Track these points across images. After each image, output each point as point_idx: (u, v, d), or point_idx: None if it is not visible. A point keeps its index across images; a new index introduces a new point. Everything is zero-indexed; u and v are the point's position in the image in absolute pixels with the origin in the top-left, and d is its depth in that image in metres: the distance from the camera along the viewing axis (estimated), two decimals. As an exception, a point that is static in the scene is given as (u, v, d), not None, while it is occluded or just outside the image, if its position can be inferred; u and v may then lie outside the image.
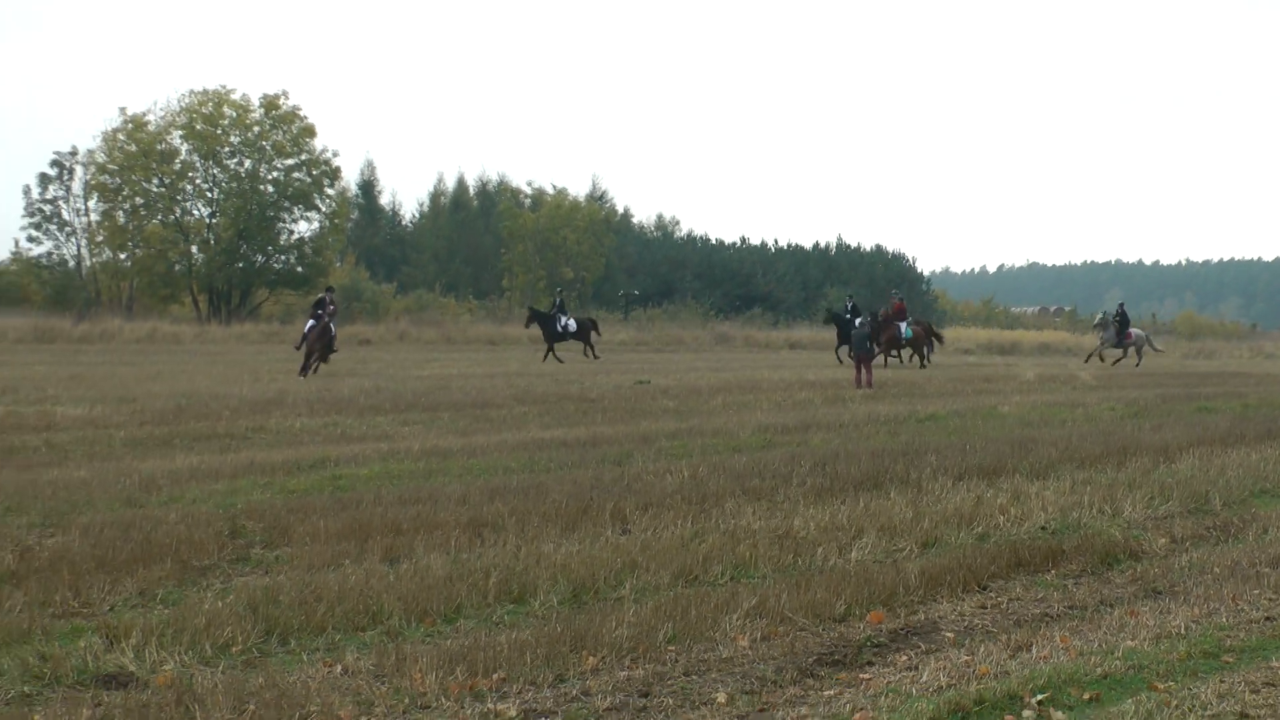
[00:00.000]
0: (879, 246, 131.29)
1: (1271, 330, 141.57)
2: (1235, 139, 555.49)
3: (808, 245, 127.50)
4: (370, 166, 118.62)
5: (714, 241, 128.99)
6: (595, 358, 51.98)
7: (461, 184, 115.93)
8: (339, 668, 9.00)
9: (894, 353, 52.45)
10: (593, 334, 53.93)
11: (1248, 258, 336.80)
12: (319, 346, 37.53)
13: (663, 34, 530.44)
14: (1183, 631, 9.96)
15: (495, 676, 8.76)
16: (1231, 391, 36.68)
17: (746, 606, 10.45)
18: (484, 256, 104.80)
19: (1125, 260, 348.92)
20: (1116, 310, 56.12)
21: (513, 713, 8.10)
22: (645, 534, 13.48)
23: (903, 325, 51.55)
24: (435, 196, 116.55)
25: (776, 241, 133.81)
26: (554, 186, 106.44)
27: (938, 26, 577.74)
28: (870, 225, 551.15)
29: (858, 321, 46.19)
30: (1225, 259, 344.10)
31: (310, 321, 39.21)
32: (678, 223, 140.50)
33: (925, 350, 52.45)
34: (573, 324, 52.81)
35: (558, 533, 13.48)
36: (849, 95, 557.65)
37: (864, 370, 37.39)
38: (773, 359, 58.09)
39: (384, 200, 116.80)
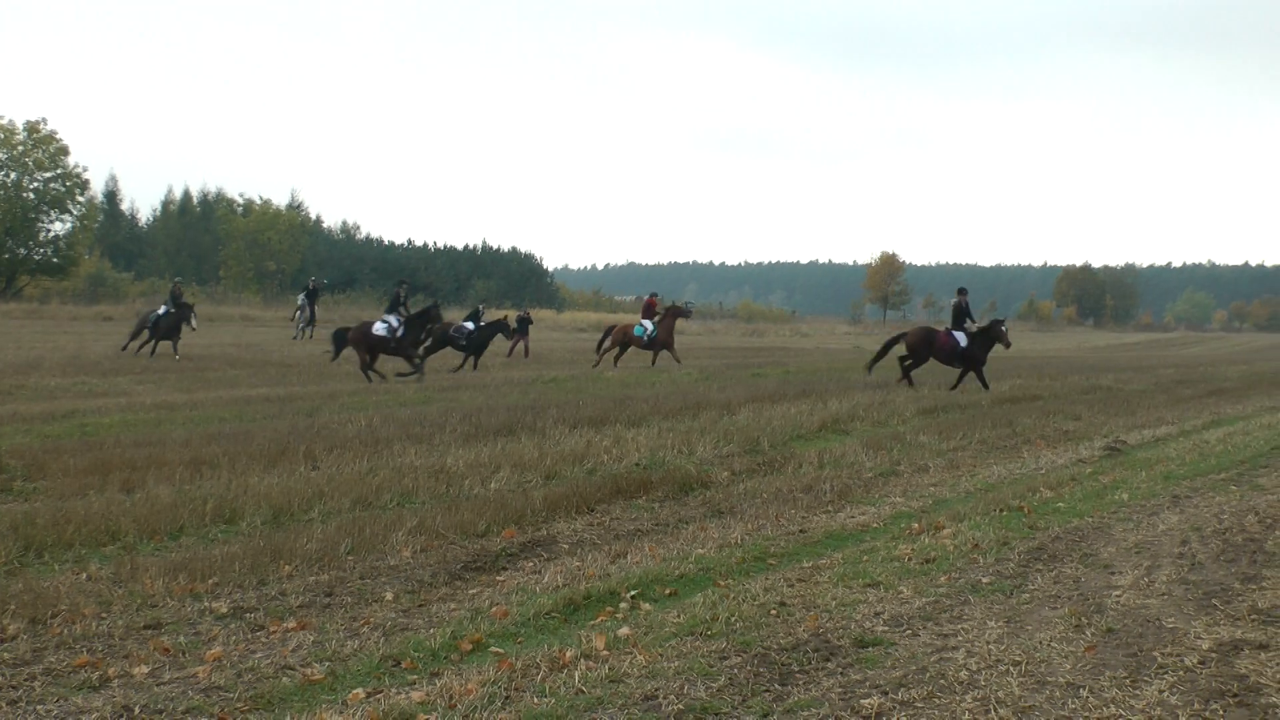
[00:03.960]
0: (514, 248, 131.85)
1: (806, 315, 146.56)
2: (776, 165, 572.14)
3: (459, 246, 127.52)
4: (114, 179, 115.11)
5: (387, 242, 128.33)
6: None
7: (187, 194, 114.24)
8: (84, 575, 8.71)
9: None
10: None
11: (790, 260, 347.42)
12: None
13: (345, 71, 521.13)
14: (739, 541, 10.21)
15: (211, 581, 8.58)
16: (777, 362, 37.82)
17: (410, 526, 10.39)
18: (204, 252, 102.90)
19: (700, 261, 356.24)
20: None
21: (224, 609, 7.94)
22: (331, 470, 13.29)
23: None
24: (166, 204, 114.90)
25: (435, 242, 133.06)
26: (260, 197, 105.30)
27: (561, 51, 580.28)
28: (507, 229, 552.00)
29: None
30: (773, 261, 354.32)
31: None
32: (359, 226, 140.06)
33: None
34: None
35: (262, 469, 13.21)
36: (496, 119, 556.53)
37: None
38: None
39: (124, 206, 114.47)
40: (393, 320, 28.77)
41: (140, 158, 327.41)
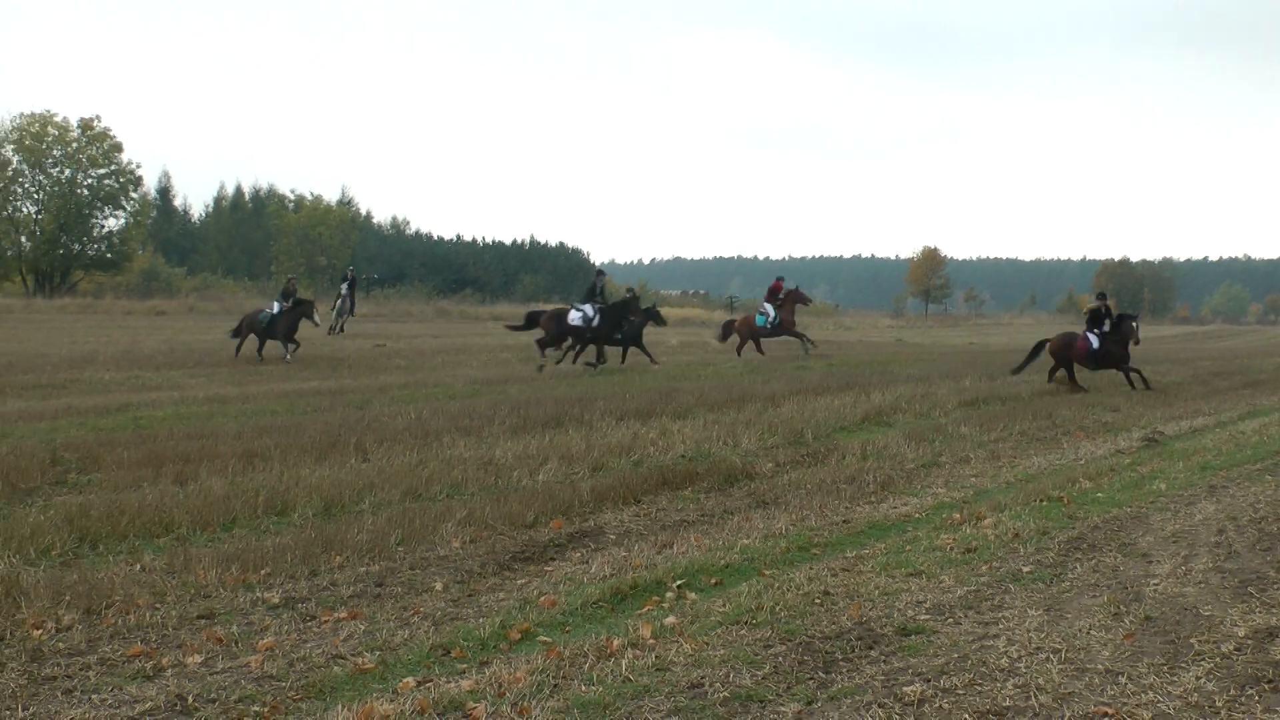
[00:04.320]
0: (562, 243, 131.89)
1: (849, 309, 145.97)
2: (818, 161, 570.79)
3: (507, 241, 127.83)
4: (167, 175, 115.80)
5: (436, 238, 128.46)
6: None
7: (239, 190, 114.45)
8: (138, 566, 8.76)
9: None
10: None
11: (833, 255, 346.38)
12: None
13: (395, 68, 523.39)
14: (783, 532, 10.16)
15: (263, 572, 8.61)
16: (821, 354, 37.62)
17: (459, 517, 10.40)
18: (256, 247, 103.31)
19: (745, 256, 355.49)
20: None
21: (276, 599, 7.95)
22: (381, 462, 13.33)
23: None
24: (219, 200, 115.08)
25: (484, 237, 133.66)
26: (311, 193, 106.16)
27: (610, 50, 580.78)
28: (556, 224, 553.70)
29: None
30: (817, 255, 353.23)
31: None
32: (408, 222, 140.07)
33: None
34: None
35: (313, 461, 13.28)
36: (545, 115, 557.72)
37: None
38: (480, 329, 57.71)
39: (177, 202, 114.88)
40: (588, 310, 28.99)
41: (193, 155, 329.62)
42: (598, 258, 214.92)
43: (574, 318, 29.09)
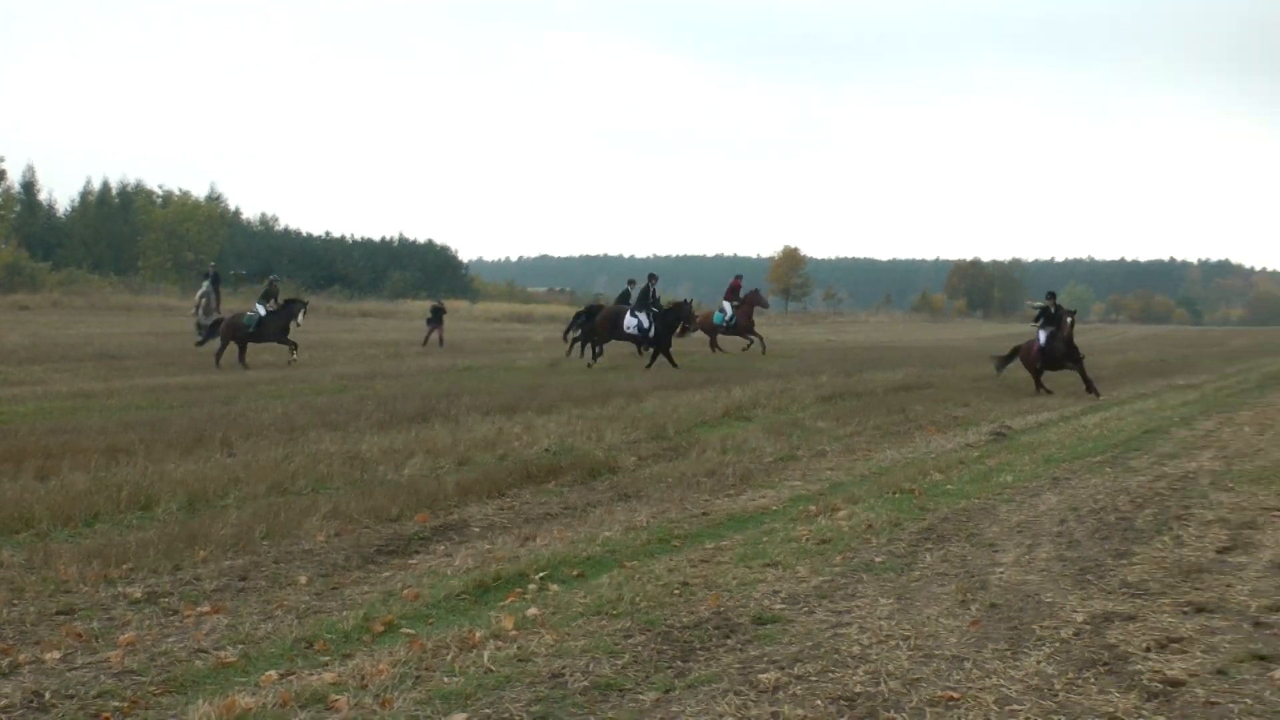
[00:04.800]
0: (431, 240, 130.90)
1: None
2: (684, 162, 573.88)
3: (376, 238, 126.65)
4: (31, 169, 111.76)
5: (305, 234, 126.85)
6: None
7: (106, 185, 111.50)
8: (-5, 563, 8.51)
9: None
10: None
11: (696, 253, 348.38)
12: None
13: (264, 64, 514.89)
14: (644, 524, 10.22)
15: (125, 567, 8.45)
16: (683, 351, 37.82)
17: (324, 511, 10.30)
18: (123, 243, 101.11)
19: (610, 254, 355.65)
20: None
21: (138, 594, 7.79)
22: (247, 457, 13.14)
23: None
24: (85, 195, 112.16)
25: (353, 234, 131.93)
26: (180, 189, 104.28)
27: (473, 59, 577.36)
28: (424, 222, 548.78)
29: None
30: (681, 254, 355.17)
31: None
32: (277, 219, 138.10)
33: None
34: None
35: (178, 456, 13.05)
36: (415, 114, 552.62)
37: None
38: (348, 324, 57.30)
39: (42, 196, 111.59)
40: (643, 318, 28.91)
41: (60, 150, 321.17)
42: (466, 255, 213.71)
43: (629, 325, 29.14)
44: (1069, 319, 24.62)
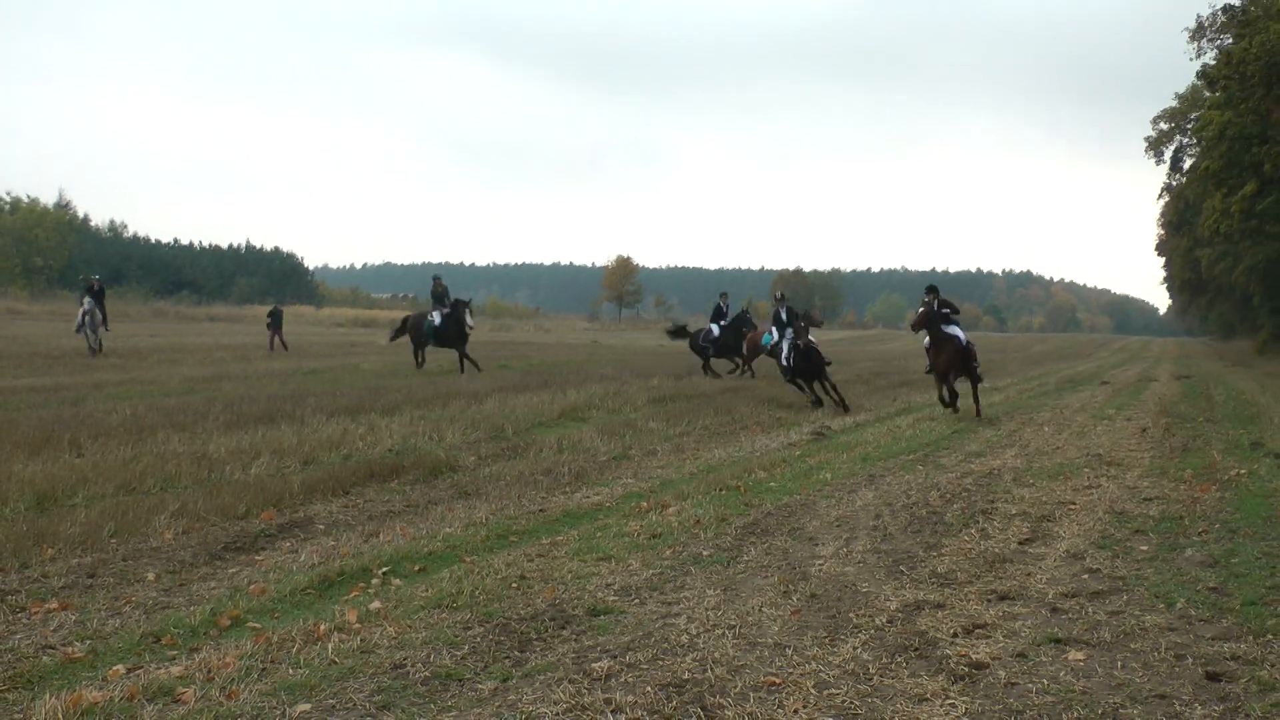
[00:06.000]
0: (277, 247, 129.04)
1: (549, 313, 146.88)
2: (524, 174, 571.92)
3: (224, 245, 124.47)
4: None
5: (154, 241, 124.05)
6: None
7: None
8: None
9: None
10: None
11: (535, 261, 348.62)
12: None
13: (115, 74, 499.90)
14: (484, 521, 10.20)
15: (-30, 566, 8.17)
16: (521, 355, 37.81)
17: (172, 509, 10.10)
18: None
19: (451, 261, 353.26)
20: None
21: (-16, 593, 7.56)
22: (95, 457, 12.80)
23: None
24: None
25: (200, 241, 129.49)
26: (28, 196, 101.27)
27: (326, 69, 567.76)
28: (271, 229, 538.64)
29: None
30: (519, 262, 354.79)
31: None
32: (126, 225, 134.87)
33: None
34: None
35: (25, 456, 12.63)
36: (261, 123, 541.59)
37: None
38: (197, 328, 56.08)
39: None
40: (714, 329, 30.95)
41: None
42: (312, 262, 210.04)
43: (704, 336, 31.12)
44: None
